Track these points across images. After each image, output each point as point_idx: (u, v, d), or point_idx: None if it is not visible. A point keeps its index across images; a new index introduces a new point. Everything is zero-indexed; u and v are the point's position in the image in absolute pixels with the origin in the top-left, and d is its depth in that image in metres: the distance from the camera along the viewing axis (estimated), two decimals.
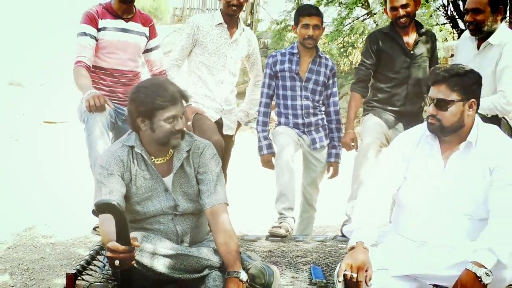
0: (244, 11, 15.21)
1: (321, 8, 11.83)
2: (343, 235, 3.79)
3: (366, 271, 2.68)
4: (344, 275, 2.66)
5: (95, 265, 3.06)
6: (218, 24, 4.28)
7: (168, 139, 2.88)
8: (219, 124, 4.34)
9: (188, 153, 2.99)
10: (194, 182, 3.00)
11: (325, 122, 4.34)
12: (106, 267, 2.94)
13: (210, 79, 4.30)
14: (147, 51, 4.35)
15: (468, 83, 2.86)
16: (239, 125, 4.61)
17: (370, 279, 2.67)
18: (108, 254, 2.48)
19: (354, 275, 2.65)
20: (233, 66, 4.37)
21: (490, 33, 3.98)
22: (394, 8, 4.20)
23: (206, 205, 2.94)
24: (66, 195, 6.47)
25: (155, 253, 2.71)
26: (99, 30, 4.08)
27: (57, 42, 12.29)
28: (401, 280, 2.68)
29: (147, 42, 4.31)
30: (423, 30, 4.37)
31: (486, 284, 2.55)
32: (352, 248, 2.78)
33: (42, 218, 5.70)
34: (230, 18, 4.29)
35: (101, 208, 2.47)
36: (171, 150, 2.99)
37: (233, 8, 4.19)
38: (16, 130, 10.57)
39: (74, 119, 4.29)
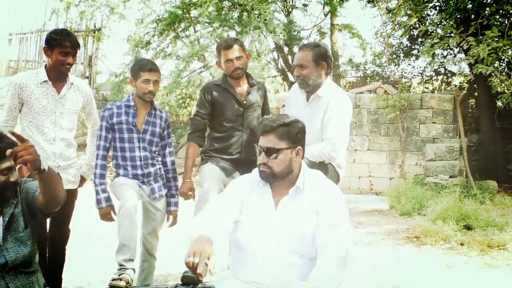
0: (82, 63, 14.83)
1: (159, 61, 11.91)
2: (183, 284, 3.73)
3: (208, 259, 2.55)
4: (187, 264, 2.53)
5: None
6: (43, 82, 4.05)
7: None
8: None
9: None
10: None
11: (163, 172, 4.30)
12: None
13: (41, 138, 4.04)
14: None
15: (294, 132, 2.98)
16: (83, 179, 4.43)
17: (214, 267, 2.55)
18: None
19: (196, 260, 2.52)
20: (66, 122, 4.16)
21: (317, 86, 4.16)
22: (229, 60, 4.29)
23: None
24: None
25: None
26: None
27: None
28: None
29: None
30: (253, 81, 4.50)
31: None
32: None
33: None
34: (59, 74, 4.08)
35: None
36: None
37: (67, 67, 4.03)
38: None
39: None
